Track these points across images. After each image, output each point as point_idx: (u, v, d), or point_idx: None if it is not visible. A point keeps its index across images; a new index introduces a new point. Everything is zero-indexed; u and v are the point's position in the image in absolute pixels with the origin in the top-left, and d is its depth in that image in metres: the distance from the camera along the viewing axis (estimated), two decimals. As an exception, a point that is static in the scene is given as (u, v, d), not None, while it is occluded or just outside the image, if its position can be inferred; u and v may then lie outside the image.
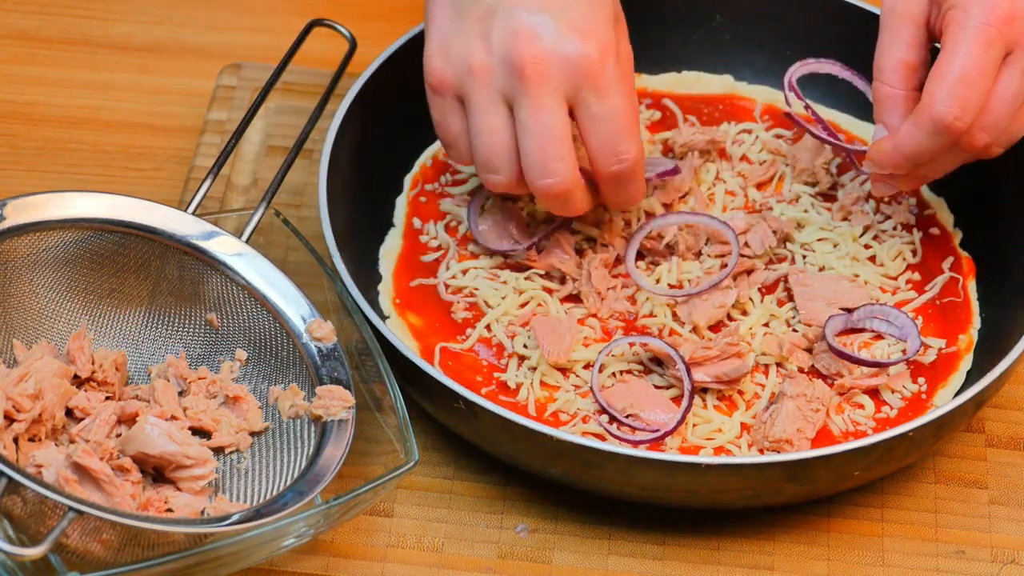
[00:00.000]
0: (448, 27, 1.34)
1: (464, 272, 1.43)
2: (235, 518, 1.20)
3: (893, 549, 1.33)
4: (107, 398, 1.30)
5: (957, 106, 1.30)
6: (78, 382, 1.30)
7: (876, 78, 1.37)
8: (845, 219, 1.47)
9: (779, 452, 1.32)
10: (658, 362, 1.37)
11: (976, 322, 1.42)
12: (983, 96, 1.30)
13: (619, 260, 1.44)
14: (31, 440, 1.25)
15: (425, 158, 1.52)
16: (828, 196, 1.50)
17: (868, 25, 1.52)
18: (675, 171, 1.45)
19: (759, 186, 1.50)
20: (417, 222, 1.48)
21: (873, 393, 1.37)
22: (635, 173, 1.35)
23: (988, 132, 1.32)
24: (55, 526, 1.14)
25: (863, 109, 1.56)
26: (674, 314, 1.41)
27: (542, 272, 1.42)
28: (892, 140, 1.35)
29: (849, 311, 1.40)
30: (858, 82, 1.46)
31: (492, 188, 1.35)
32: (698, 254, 1.45)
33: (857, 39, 1.52)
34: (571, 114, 1.32)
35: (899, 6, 1.37)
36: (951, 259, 1.46)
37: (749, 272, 1.43)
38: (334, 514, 1.25)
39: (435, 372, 1.29)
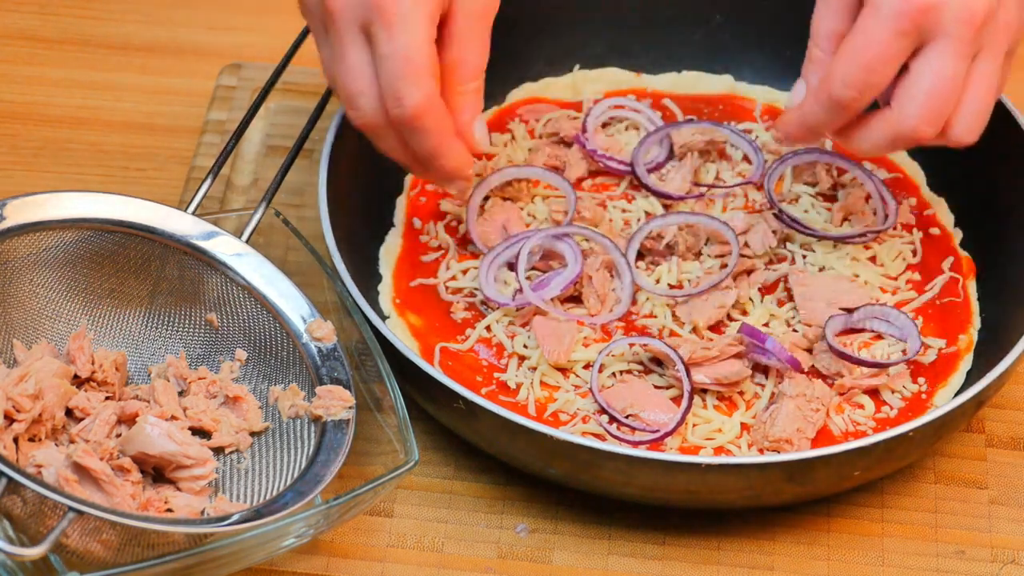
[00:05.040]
0: None
1: (464, 272, 1.43)
2: (235, 518, 1.20)
3: (893, 549, 1.33)
4: (107, 398, 1.30)
5: (855, 89, 1.30)
6: (78, 382, 1.30)
7: (811, 40, 1.37)
8: (845, 219, 1.47)
9: (779, 452, 1.32)
10: (658, 362, 1.37)
11: (976, 322, 1.42)
12: (885, 80, 1.30)
13: (619, 260, 1.44)
14: (31, 440, 1.25)
15: (425, 158, 1.52)
16: (828, 196, 1.50)
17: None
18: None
19: (759, 186, 1.50)
20: (417, 222, 1.48)
21: (873, 393, 1.37)
22: (418, 122, 1.29)
23: (926, 122, 1.30)
24: (55, 526, 1.14)
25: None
26: (674, 314, 1.41)
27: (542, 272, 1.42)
28: (799, 111, 1.35)
29: (849, 311, 1.40)
30: (840, 162, 1.49)
31: (357, 125, 1.32)
32: (698, 254, 1.45)
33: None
34: None
35: None
36: (951, 259, 1.46)
37: (749, 272, 1.43)
38: (334, 514, 1.25)
39: (435, 372, 1.29)
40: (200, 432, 1.31)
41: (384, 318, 1.41)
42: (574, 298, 1.41)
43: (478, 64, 1.32)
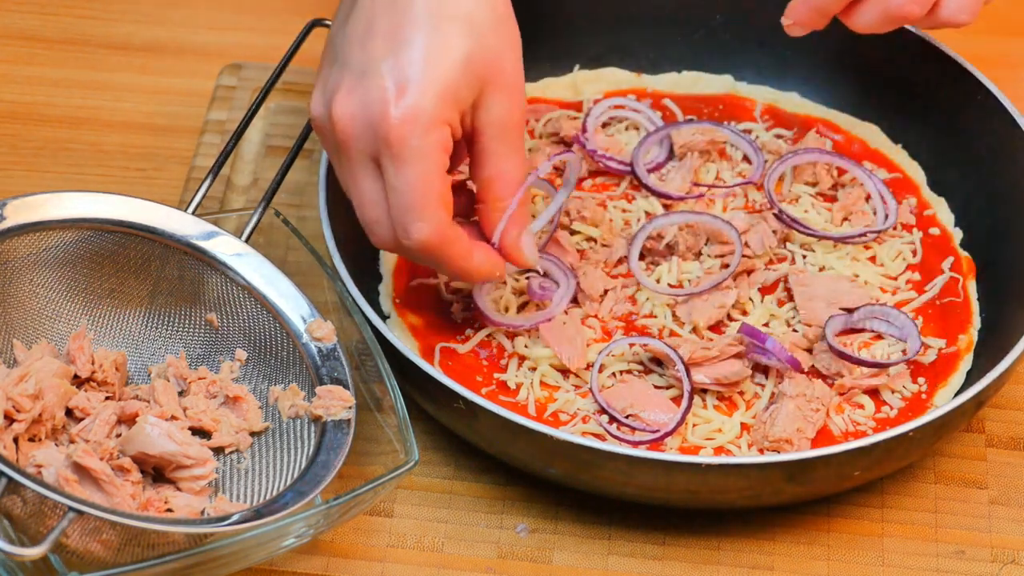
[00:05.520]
0: (322, 70, 1.30)
1: (464, 272, 1.43)
2: (235, 518, 1.20)
3: (893, 549, 1.33)
4: (107, 398, 1.30)
5: None
6: (78, 382, 1.30)
7: None
8: (846, 219, 1.47)
9: (779, 452, 1.32)
10: (658, 362, 1.37)
11: (976, 322, 1.42)
12: None
13: (619, 260, 1.44)
14: (31, 440, 1.25)
15: (425, 158, 1.52)
16: (828, 196, 1.50)
17: (868, 25, 1.53)
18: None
19: (759, 186, 1.50)
20: (417, 222, 1.47)
21: (873, 393, 1.37)
22: (429, 254, 1.27)
23: (915, 2, 1.34)
24: (55, 526, 1.14)
25: (861, 109, 1.56)
26: (674, 314, 1.41)
27: (541, 272, 1.42)
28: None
29: (849, 311, 1.40)
30: (840, 161, 1.49)
31: (377, 247, 1.31)
32: (698, 254, 1.45)
33: (856, 39, 1.52)
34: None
35: None
36: (951, 259, 1.46)
37: (749, 272, 1.43)
38: (334, 514, 1.25)
39: (435, 372, 1.29)
40: (200, 432, 1.31)
41: (384, 318, 1.41)
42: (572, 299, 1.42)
43: (516, 177, 1.29)
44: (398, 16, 1.25)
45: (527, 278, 1.41)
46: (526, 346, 1.37)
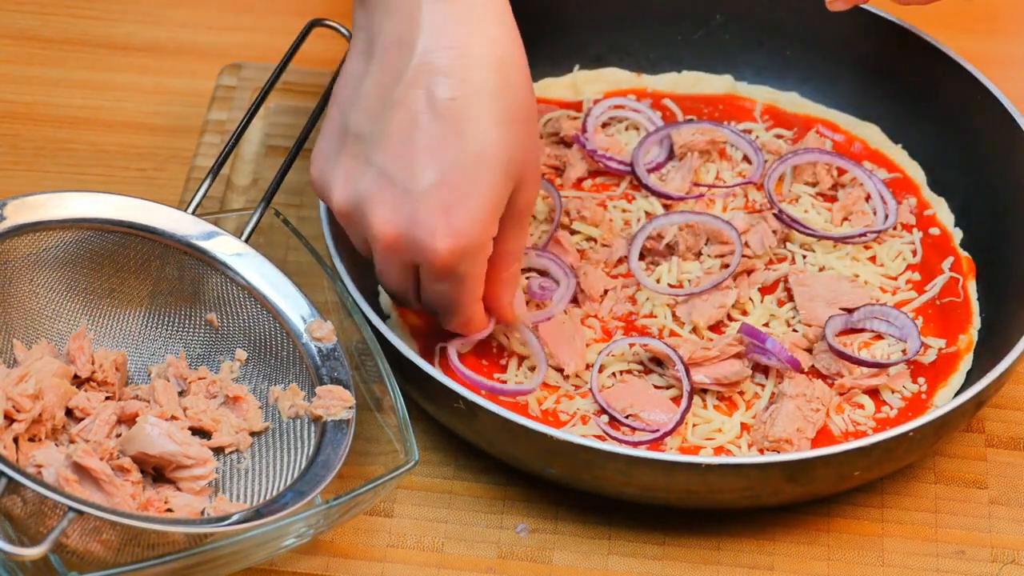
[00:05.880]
0: (327, 146, 1.27)
1: (464, 272, 1.43)
2: (235, 518, 1.20)
3: (893, 549, 1.33)
4: (107, 398, 1.30)
5: None
6: (78, 382, 1.30)
7: None
8: (846, 219, 1.47)
9: (779, 452, 1.32)
10: (658, 362, 1.37)
11: (976, 322, 1.42)
12: None
13: (619, 260, 1.44)
14: (31, 440, 1.25)
15: (425, 158, 1.52)
16: (828, 196, 1.50)
17: (867, 24, 1.53)
18: None
19: (759, 186, 1.50)
20: (417, 222, 1.47)
21: (873, 393, 1.37)
22: (459, 330, 1.32)
23: None
24: (55, 526, 1.14)
25: (861, 109, 1.56)
26: (674, 314, 1.41)
27: (541, 271, 1.42)
28: None
29: (849, 311, 1.40)
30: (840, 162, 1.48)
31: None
32: (698, 254, 1.45)
33: (856, 38, 1.52)
34: None
35: None
36: (951, 259, 1.46)
37: (749, 272, 1.43)
38: (334, 514, 1.24)
39: (435, 372, 1.29)
40: (200, 432, 1.31)
41: (384, 318, 1.41)
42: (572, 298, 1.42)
43: (520, 250, 1.30)
44: (443, 125, 1.21)
45: (527, 278, 1.41)
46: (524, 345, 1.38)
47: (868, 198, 1.48)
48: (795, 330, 1.40)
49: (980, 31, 1.72)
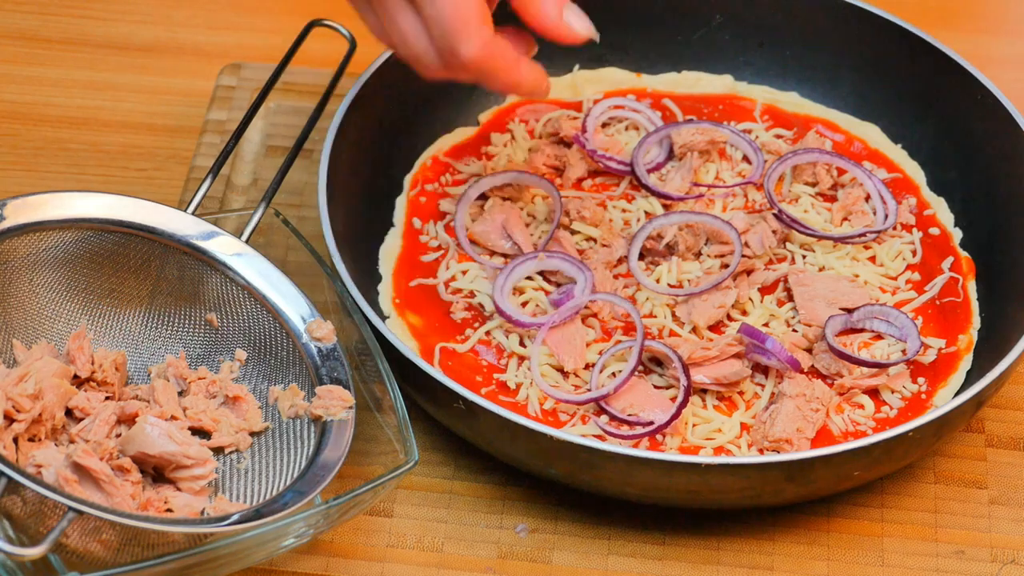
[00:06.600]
0: None
1: (464, 272, 1.43)
2: (235, 518, 1.20)
3: (893, 549, 1.33)
4: (107, 398, 1.30)
5: None
6: (78, 382, 1.30)
7: None
8: (845, 219, 1.47)
9: (779, 452, 1.32)
10: (658, 362, 1.37)
11: (976, 322, 1.42)
12: None
13: (619, 260, 1.44)
14: (31, 440, 1.25)
15: (425, 158, 1.52)
16: (828, 196, 1.50)
17: (867, 24, 1.53)
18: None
19: (759, 186, 1.50)
20: (417, 222, 1.48)
21: (873, 393, 1.37)
22: (481, 69, 1.28)
23: None
24: (55, 526, 1.14)
25: (861, 109, 1.56)
26: (674, 314, 1.41)
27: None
28: None
29: (849, 311, 1.40)
30: (839, 162, 1.48)
31: (426, 77, 1.31)
32: (698, 254, 1.45)
33: (856, 38, 1.52)
34: None
35: None
36: (951, 259, 1.46)
37: (749, 272, 1.43)
38: (334, 514, 1.25)
39: (435, 372, 1.29)
40: (200, 432, 1.31)
41: (384, 318, 1.41)
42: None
43: None
44: None
45: (547, 292, 1.41)
46: (524, 346, 1.37)
47: (868, 198, 1.48)
48: (795, 330, 1.40)
49: (980, 31, 1.72)
